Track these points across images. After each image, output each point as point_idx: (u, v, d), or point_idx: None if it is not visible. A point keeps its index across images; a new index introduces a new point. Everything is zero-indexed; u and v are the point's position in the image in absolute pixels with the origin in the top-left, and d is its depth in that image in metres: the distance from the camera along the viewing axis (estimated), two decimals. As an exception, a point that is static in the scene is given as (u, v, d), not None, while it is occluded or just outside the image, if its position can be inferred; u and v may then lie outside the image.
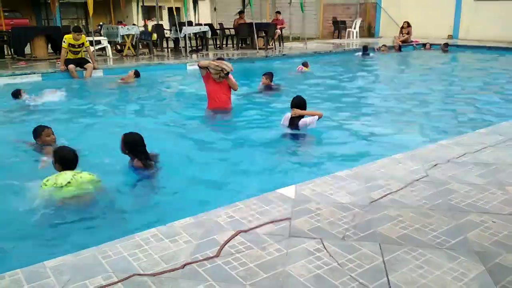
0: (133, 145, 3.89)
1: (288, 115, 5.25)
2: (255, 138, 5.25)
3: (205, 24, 14.66)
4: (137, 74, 9.14)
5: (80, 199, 3.34)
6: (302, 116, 5.15)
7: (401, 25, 16.62)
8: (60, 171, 3.48)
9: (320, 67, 11.47)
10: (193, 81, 9.78)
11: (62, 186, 3.32)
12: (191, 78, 10.09)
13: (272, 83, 7.97)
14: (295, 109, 5.17)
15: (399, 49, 15.02)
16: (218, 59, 6.56)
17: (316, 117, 5.12)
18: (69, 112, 6.78)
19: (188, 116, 6.62)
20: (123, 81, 8.98)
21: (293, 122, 5.19)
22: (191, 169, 4.28)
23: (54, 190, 3.32)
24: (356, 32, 18.69)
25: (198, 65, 6.29)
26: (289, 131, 5.23)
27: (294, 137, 5.16)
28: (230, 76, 6.17)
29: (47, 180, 3.38)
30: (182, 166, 4.35)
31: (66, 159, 3.51)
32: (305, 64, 10.59)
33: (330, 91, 8.38)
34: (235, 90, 6.42)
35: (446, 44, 14.56)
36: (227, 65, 6.04)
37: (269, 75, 7.92)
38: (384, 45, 14.79)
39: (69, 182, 3.35)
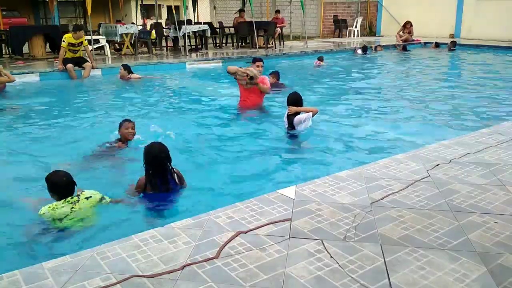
0: (146, 156, 3.38)
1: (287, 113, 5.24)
2: (255, 138, 5.23)
3: (205, 23, 14.63)
4: (127, 68, 9.08)
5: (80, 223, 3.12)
6: (298, 113, 5.13)
7: (402, 24, 16.59)
8: (56, 199, 3.12)
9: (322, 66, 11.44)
10: (192, 80, 9.78)
11: (61, 219, 3.06)
12: (190, 77, 10.09)
13: (279, 82, 8.02)
14: (290, 106, 5.17)
15: (404, 49, 14.93)
16: (255, 59, 6.36)
17: (311, 113, 5.09)
18: (68, 112, 6.76)
19: (187, 115, 6.60)
20: (122, 79, 8.97)
21: (289, 120, 5.17)
22: (189, 169, 4.25)
23: (53, 221, 3.07)
24: (357, 31, 18.65)
25: (227, 70, 6.32)
26: (289, 130, 5.21)
27: (294, 137, 5.14)
28: (262, 79, 6.20)
29: (43, 214, 3.07)
30: (181, 166, 4.33)
31: (58, 187, 3.09)
32: (320, 59, 11.14)
33: (331, 91, 8.36)
34: (267, 93, 6.47)
35: (454, 43, 14.49)
36: (251, 71, 6.01)
37: (276, 74, 7.99)
38: (379, 46, 14.70)
39: (67, 215, 3.07)
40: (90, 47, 10.07)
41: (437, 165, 3.48)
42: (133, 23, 14.13)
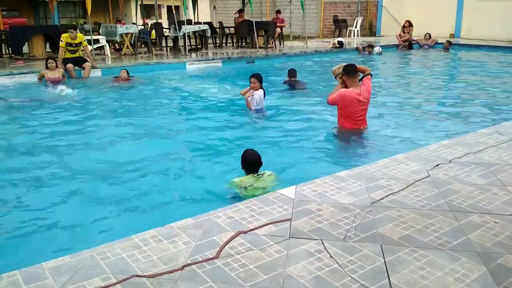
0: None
1: None
2: (255, 139, 5.23)
3: (205, 23, 14.63)
4: (128, 74, 9.13)
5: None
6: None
7: (402, 24, 16.59)
8: (245, 173, 3.64)
9: (323, 66, 11.44)
10: (191, 80, 9.77)
11: (246, 188, 3.49)
12: (190, 77, 10.08)
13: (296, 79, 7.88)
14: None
15: (410, 47, 15.11)
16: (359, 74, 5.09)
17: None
18: (71, 113, 6.75)
19: (187, 114, 6.61)
20: (117, 81, 8.95)
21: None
22: (189, 169, 4.26)
23: (239, 189, 3.52)
24: (357, 31, 18.63)
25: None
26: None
27: (294, 136, 5.14)
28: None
29: (233, 181, 3.60)
30: (181, 166, 4.34)
31: (249, 163, 3.63)
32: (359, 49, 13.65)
33: (330, 88, 8.35)
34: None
35: (449, 42, 14.52)
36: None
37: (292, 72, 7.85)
38: (370, 45, 14.46)
39: (251, 185, 3.50)
40: (89, 47, 10.07)
41: (437, 165, 3.48)
42: (133, 23, 14.12)
